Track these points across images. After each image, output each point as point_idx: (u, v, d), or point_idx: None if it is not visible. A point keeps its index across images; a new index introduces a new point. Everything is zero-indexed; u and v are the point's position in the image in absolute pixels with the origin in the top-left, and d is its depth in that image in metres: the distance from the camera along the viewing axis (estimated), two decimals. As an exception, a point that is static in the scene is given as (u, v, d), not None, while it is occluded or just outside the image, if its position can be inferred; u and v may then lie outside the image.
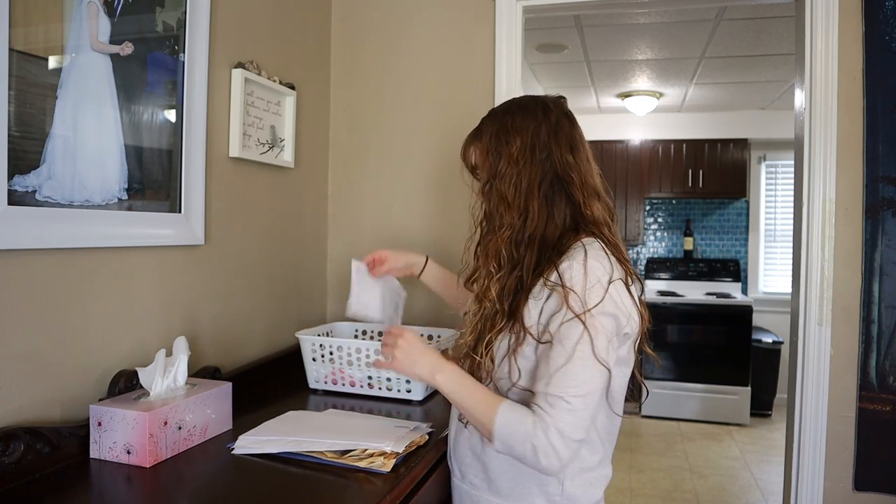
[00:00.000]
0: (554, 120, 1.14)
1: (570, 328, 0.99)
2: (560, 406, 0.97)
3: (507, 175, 1.11)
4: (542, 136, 1.12)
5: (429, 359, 1.13)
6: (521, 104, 1.18)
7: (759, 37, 3.24)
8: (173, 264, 1.47)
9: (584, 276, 1.01)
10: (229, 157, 1.66)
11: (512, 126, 1.14)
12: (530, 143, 1.12)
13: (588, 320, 0.99)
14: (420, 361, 1.13)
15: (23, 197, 1.09)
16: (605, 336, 1.00)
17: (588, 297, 1.00)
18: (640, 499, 3.37)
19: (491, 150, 1.14)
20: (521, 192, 1.10)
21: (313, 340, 1.68)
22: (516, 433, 0.99)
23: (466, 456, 1.18)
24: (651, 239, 5.58)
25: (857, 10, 1.78)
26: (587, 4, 2.11)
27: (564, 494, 1.10)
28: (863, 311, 1.80)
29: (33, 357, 1.13)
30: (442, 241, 2.12)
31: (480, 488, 1.15)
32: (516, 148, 1.12)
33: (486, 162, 1.15)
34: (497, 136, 1.14)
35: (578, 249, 1.05)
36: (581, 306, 0.99)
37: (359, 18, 2.19)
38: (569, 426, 0.97)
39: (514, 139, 1.13)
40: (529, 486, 1.10)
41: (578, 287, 1.01)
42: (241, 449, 1.21)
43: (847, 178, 1.80)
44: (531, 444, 0.97)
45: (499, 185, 1.12)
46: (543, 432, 0.97)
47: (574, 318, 0.99)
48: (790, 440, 1.89)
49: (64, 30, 1.16)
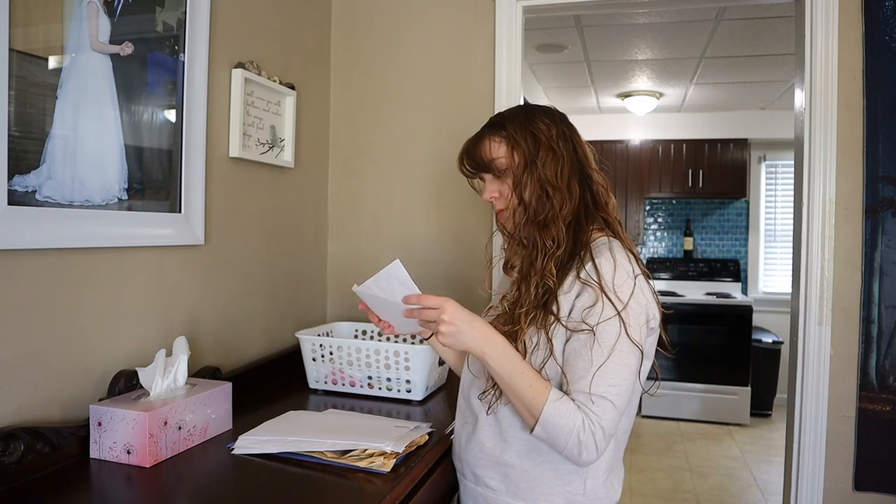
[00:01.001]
0: (564, 123, 1.19)
1: (609, 325, 1.02)
2: (604, 405, 1.00)
3: (549, 160, 1.12)
4: (564, 129, 1.17)
5: (478, 329, 1.06)
6: (521, 106, 1.23)
7: (759, 37, 3.24)
8: (173, 264, 1.47)
9: (615, 271, 1.05)
10: (229, 157, 1.66)
11: (537, 117, 1.16)
12: (559, 131, 1.15)
13: (623, 315, 1.02)
14: (468, 332, 1.05)
15: (23, 197, 1.09)
16: (636, 325, 1.04)
17: (620, 292, 1.04)
18: (640, 499, 3.37)
19: (525, 138, 1.14)
20: (564, 174, 1.12)
21: (313, 340, 1.68)
22: (564, 425, 1.00)
23: (481, 459, 1.17)
24: (651, 239, 5.58)
25: (857, 10, 1.78)
26: (587, 4, 2.11)
27: (587, 494, 1.10)
28: (863, 311, 1.80)
29: (33, 357, 1.13)
30: (442, 240, 2.12)
31: (498, 490, 1.15)
32: (553, 133, 1.14)
33: (519, 151, 1.14)
34: (526, 126, 1.15)
35: (604, 245, 1.10)
36: (617, 302, 1.03)
37: (359, 18, 2.19)
38: (611, 423, 1.01)
39: (548, 127, 1.15)
40: (551, 487, 1.10)
41: (611, 283, 1.04)
42: (241, 449, 1.21)
43: (847, 178, 1.80)
44: (577, 439, 1.00)
45: (540, 170, 1.12)
46: (590, 430, 0.99)
47: (613, 315, 1.02)
48: (790, 440, 1.89)
49: (64, 30, 1.16)
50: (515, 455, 1.12)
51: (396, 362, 1.59)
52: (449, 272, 2.11)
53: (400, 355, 1.58)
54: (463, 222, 2.08)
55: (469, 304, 1.37)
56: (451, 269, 2.11)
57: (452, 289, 2.08)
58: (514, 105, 1.31)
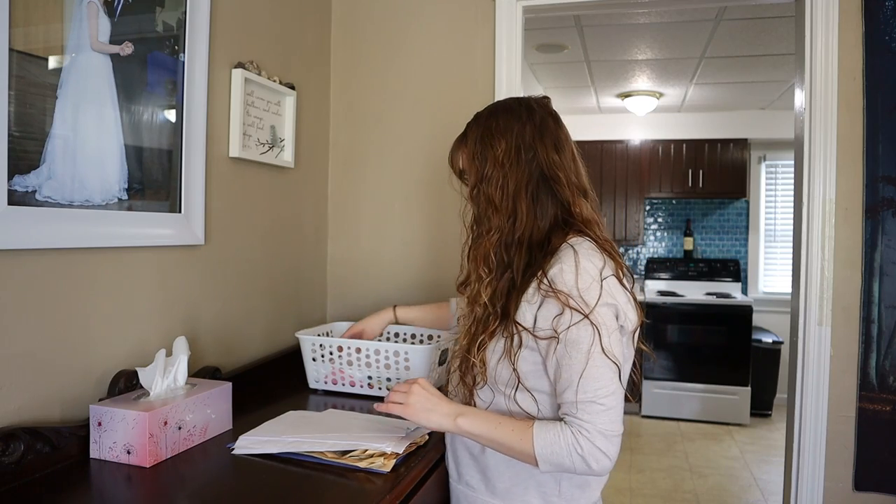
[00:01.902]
0: (538, 120, 1.14)
1: (581, 331, 1.00)
2: (595, 410, 0.98)
3: (494, 178, 1.11)
4: (526, 136, 1.12)
5: (445, 405, 1.10)
6: (505, 106, 1.18)
7: (759, 37, 3.24)
8: (173, 264, 1.47)
9: (577, 276, 1.02)
10: (229, 157, 1.66)
11: (496, 129, 1.14)
12: (515, 144, 1.12)
13: (593, 319, 1.00)
14: (437, 409, 1.10)
15: (23, 197, 1.09)
16: (607, 331, 1.01)
17: (587, 296, 1.01)
18: (640, 499, 3.37)
19: (476, 154, 1.14)
20: (509, 194, 1.11)
21: (313, 340, 1.68)
22: (559, 449, 0.99)
23: (464, 457, 1.18)
24: (651, 239, 5.58)
25: (857, 10, 1.78)
26: (587, 4, 2.11)
27: (562, 495, 1.10)
28: (863, 311, 1.80)
29: (33, 357, 1.13)
30: (441, 240, 2.12)
31: (477, 489, 1.16)
32: (501, 150, 1.12)
33: (473, 166, 1.15)
34: (482, 139, 1.14)
35: (567, 251, 1.06)
36: (583, 307, 1.00)
37: (359, 18, 2.19)
38: (609, 424, 0.98)
39: (499, 142, 1.12)
40: (527, 487, 1.11)
41: (575, 289, 1.01)
42: (241, 449, 1.21)
43: (847, 178, 1.80)
44: (578, 455, 0.98)
45: (486, 188, 1.12)
46: (587, 439, 0.97)
47: (581, 319, 1.00)
48: (790, 440, 1.89)
49: (64, 30, 1.16)
50: (492, 454, 1.12)
51: (396, 362, 1.59)
52: (449, 272, 2.10)
53: (400, 355, 1.58)
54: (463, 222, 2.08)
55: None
56: (450, 269, 2.11)
57: (451, 289, 2.08)
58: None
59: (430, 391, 1.12)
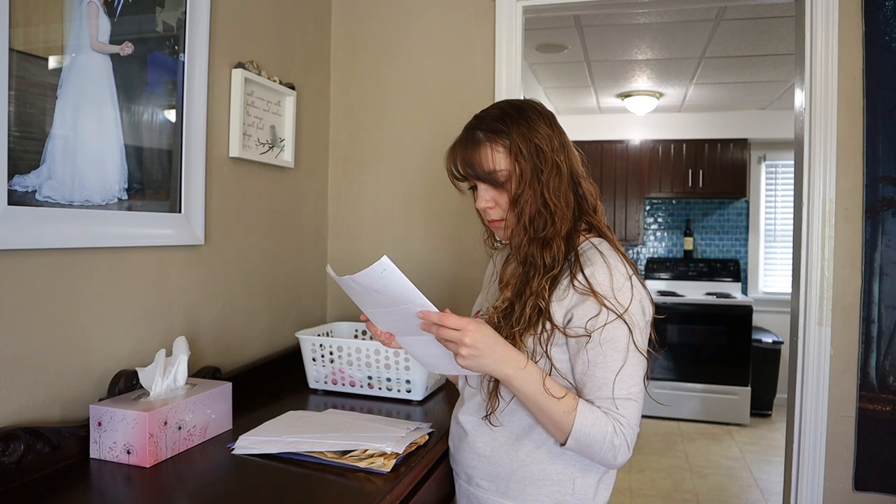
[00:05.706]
0: (550, 121, 1.15)
1: (616, 330, 1.03)
2: (628, 406, 1.02)
3: (552, 175, 1.09)
4: (554, 137, 1.12)
5: (499, 353, 1.02)
6: (515, 105, 1.15)
7: (759, 37, 3.24)
8: (173, 264, 1.47)
9: (611, 277, 1.05)
10: (229, 157, 1.66)
11: (534, 128, 1.11)
12: (559, 141, 1.12)
13: (627, 318, 1.03)
14: (490, 356, 1.01)
15: (23, 197, 1.09)
16: (639, 329, 1.05)
17: (620, 296, 1.04)
18: (640, 499, 3.37)
19: (528, 151, 1.09)
20: (562, 189, 1.10)
21: (313, 340, 1.68)
22: (596, 434, 1.01)
23: (472, 459, 1.17)
24: (651, 239, 5.58)
25: (857, 10, 1.78)
26: (587, 4, 2.11)
27: (575, 494, 1.10)
28: (863, 311, 1.80)
29: (33, 357, 1.13)
30: (441, 240, 2.12)
31: (489, 490, 1.15)
32: (556, 144, 1.11)
33: (522, 164, 1.09)
34: (529, 137, 1.10)
35: (592, 251, 1.09)
36: (618, 307, 1.03)
37: (359, 19, 2.19)
38: (636, 419, 1.04)
39: (542, 140, 1.10)
40: (540, 488, 1.10)
41: (610, 290, 1.04)
42: (241, 449, 1.21)
43: (847, 178, 1.80)
44: (611, 445, 1.01)
45: (545, 185, 1.09)
46: (623, 434, 1.01)
47: (616, 319, 1.03)
48: (790, 440, 1.89)
49: (64, 30, 1.16)
50: (505, 455, 1.12)
51: (396, 362, 1.59)
52: (448, 272, 2.11)
53: (400, 355, 1.58)
54: (463, 222, 2.08)
55: (468, 304, 1.37)
56: (450, 269, 2.11)
57: (451, 289, 2.08)
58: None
59: (486, 333, 1.02)
